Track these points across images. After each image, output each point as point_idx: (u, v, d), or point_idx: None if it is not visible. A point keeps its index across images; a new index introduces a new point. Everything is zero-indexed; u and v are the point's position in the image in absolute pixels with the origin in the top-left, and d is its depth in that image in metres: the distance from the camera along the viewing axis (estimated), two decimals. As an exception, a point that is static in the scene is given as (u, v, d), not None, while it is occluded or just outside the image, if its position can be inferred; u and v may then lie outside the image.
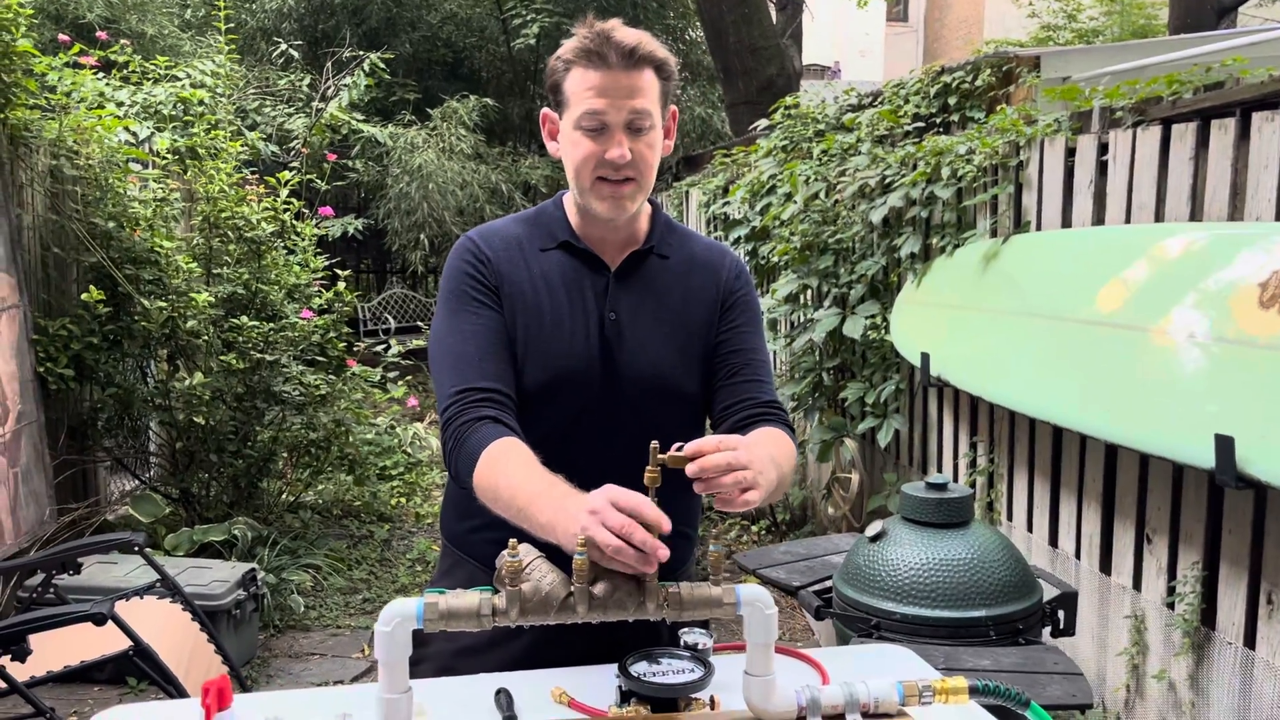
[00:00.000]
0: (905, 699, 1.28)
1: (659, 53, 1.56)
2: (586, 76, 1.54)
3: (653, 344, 1.64)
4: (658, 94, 1.58)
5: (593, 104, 1.53)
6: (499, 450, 1.45)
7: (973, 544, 2.36)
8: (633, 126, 1.55)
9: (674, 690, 1.38)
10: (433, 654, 1.72)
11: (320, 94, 7.48)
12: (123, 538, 3.11)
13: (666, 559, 1.24)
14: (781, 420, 1.66)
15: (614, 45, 1.52)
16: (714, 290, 1.71)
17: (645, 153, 1.57)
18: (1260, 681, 2.45)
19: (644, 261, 1.68)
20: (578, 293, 1.64)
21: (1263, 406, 2.16)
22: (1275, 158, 2.41)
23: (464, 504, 1.73)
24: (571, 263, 1.66)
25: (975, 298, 3.43)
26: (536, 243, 1.67)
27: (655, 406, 1.64)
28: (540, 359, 1.61)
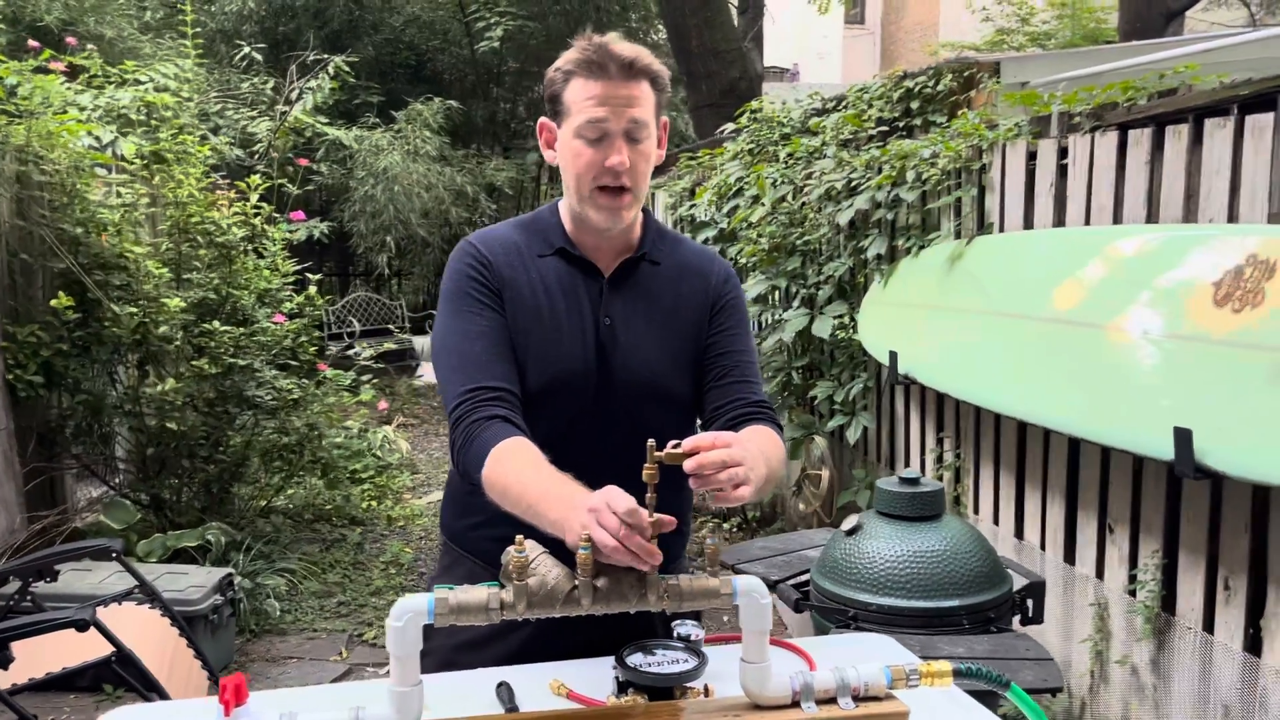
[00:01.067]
0: (893, 682, 1.35)
1: (655, 65, 1.63)
2: (587, 86, 1.59)
3: (646, 348, 1.70)
4: (653, 105, 1.64)
5: (594, 113, 1.59)
6: (508, 449, 1.50)
7: (945, 536, 2.44)
8: (631, 136, 1.60)
9: (670, 679, 1.44)
10: (433, 649, 1.75)
11: (284, 97, 7.45)
12: (100, 544, 3.11)
13: (660, 561, 1.30)
14: (770, 419, 1.72)
15: (614, 57, 1.58)
16: (704, 295, 1.77)
17: (640, 163, 1.63)
18: (1219, 664, 2.55)
19: (637, 268, 1.74)
20: (574, 298, 1.70)
21: (1218, 400, 2.26)
22: (1227, 163, 2.52)
23: (464, 502, 1.78)
24: (567, 269, 1.71)
25: (941, 297, 3.52)
26: (534, 249, 1.72)
27: (648, 408, 1.70)
28: (539, 362, 1.66)
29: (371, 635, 4.12)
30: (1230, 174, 2.51)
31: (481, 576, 1.75)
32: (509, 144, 10.70)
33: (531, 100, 11.86)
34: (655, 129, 1.67)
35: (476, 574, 1.75)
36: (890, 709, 1.32)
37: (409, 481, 6.41)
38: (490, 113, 10.85)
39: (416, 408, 8.96)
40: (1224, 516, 2.53)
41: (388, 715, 1.24)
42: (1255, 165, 2.43)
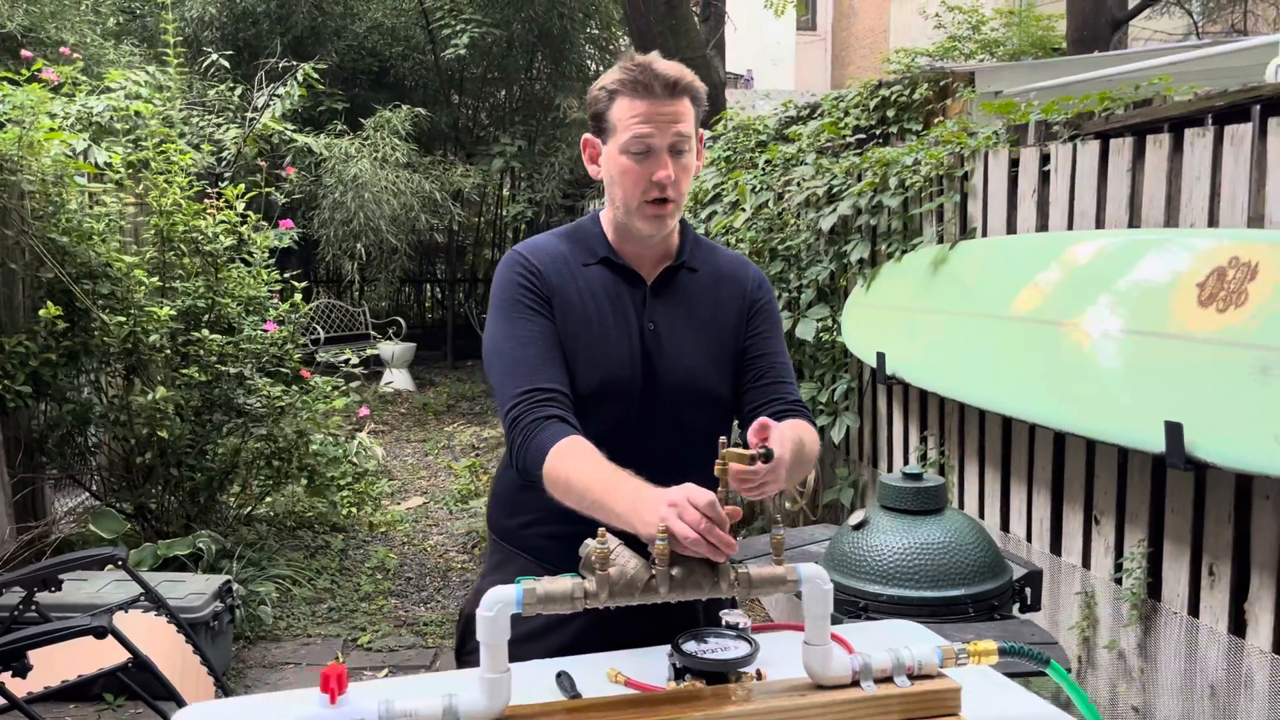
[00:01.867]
0: (944, 661, 1.44)
1: (696, 83, 1.72)
2: (633, 105, 1.67)
3: (688, 352, 1.79)
4: (693, 120, 1.72)
5: (640, 129, 1.67)
6: (568, 446, 1.58)
7: (948, 528, 2.55)
8: (675, 149, 1.69)
9: (726, 665, 1.52)
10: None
11: (252, 104, 7.42)
12: (105, 553, 3.12)
13: (736, 552, 1.38)
14: (806, 416, 1.82)
15: (658, 76, 1.67)
16: (740, 300, 1.87)
17: (683, 175, 1.72)
18: (1204, 646, 2.69)
19: (677, 275, 1.83)
20: (619, 305, 1.78)
21: (1206, 396, 2.39)
22: (1206, 170, 2.66)
23: (514, 501, 1.85)
24: (611, 277, 1.79)
25: (926, 300, 3.64)
26: (579, 258, 1.80)
27: (690, 409, 1.78)
28: (588, 367, 1.74)
29: (366, 640, 4.15)
30: (1210, 180, 2.65)
31: (533, 572, 1.81)
32: (472, 150, 10.72)
33: (493, 106, 11.91)
34: (695, 141, 1.76)
35: (528, 569, 1.82)
36: (943, 686, 1.41)
37: (387, 488, 6.42)
38: (453, 119, 10.87)
39: (385, 414, 8.96)
40: (1208, 506, 2.67)
41: (479, 701, 1.30)
42: (1235, 172, 2.57)
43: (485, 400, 9.58)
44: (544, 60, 11.18)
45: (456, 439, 8.01)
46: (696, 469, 1.65)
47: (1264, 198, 2.52)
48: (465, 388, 10.17)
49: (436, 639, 4.18)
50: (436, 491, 6.54)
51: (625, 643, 1.73)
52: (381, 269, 9.33)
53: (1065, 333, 2.89)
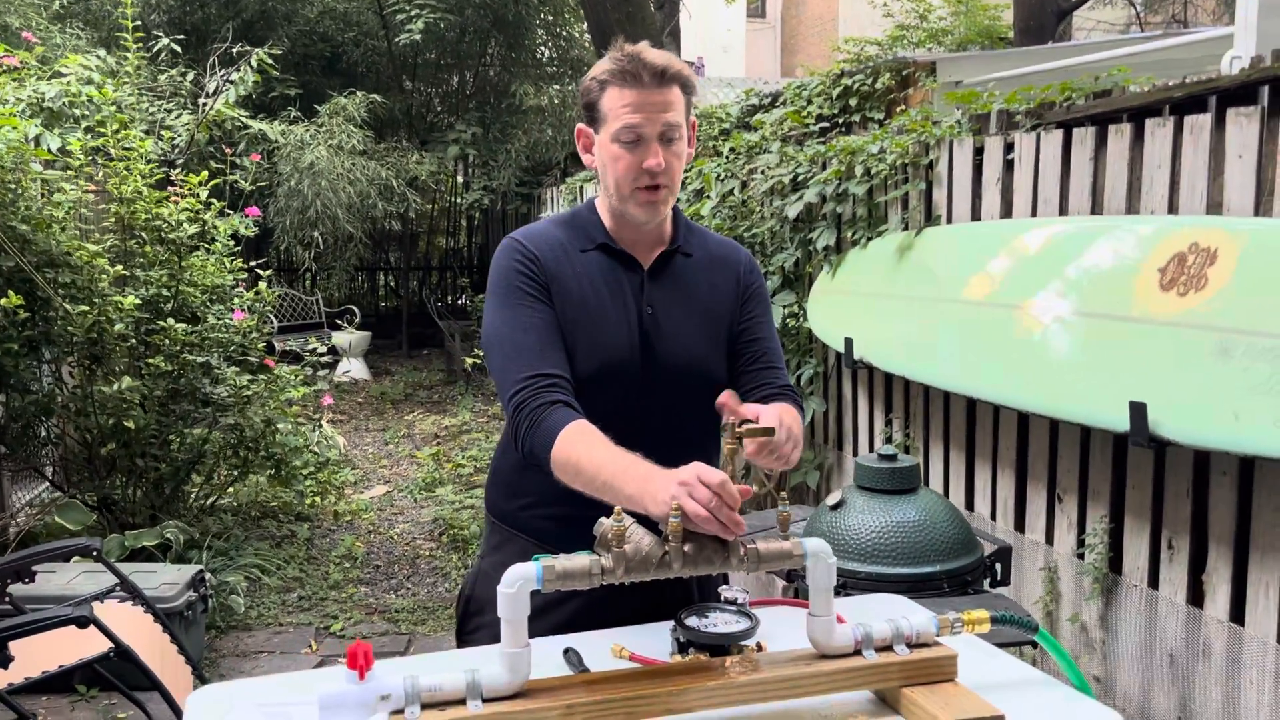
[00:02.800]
0: (940, 629, 1.51)
1: (685, 71, 1.76)
2: (623, 94, 1.72)
3: (686, 334, 1.83)
4: (683, 107, 1.77)
5: (630, 119, 1.71)
6: (575, 431, 1.62)
7: (922, 507, 2.63)
8: (665, 137, 1.73)
9: (727, 638, 1.58)
10: (490, 621, 1.86)
11: (205, 90, 7.31)
12: (80, 544, 3.09)
13: (744, 530, 1.44)
14: (795, 400, 1.87)
15: (647, 66, 1.71)
16: (734, 284, 1.92)
17: (674, 161, 1.76)
18: (1164, 617, 2.80)
19: (672, 260, 1.87)
20: (617, 289, 1.82)
21: (1168, 376, 2.49)
22: (1167, 159, 2.76)
23: (514, 484, 1.88)
24: (609, 262, 1.84)
25: (892, 285, 3.73)
26: (576, 244, 1.84)
27: (687, 390, 1.83)
28: (588, 350, 1.77)
29: (338, 627, 4.15)
30: (1170, 168, 2.75)
31: (532, 553, 1.86)
32: (426, 137, 10.65)
33: (446, 92, 11.82)
34: (686, 129, 1.80)
35: (529, 550, 1.85)
36: (940, 653, 1.48)
37: (350, 477, 6.40)
38: (407, 106, 10.78)
39: (343, 404, 8.90)
40: (1167, 483, 2.78)
41: (501, 674, 1.34)
42: (1194, 160, 2.68)
43: (443, 389, 9.56)
44: (498, 46, 11.13)
45: (416, 428, 7.99)
46: (694, 449, 1.70)
47: (1221, 185, 2.63)
48: (422, 376, 10.13)
49: (409, 625, 4.20)
50: (399, 480, 6.53)
51: (624, 618, 1.78)
52: (336, 257, 9.24)
53: (1030, 317, 2.99)
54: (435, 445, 7.24)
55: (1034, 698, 1.50)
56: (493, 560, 1.91)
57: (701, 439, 1.83)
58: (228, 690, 1.59)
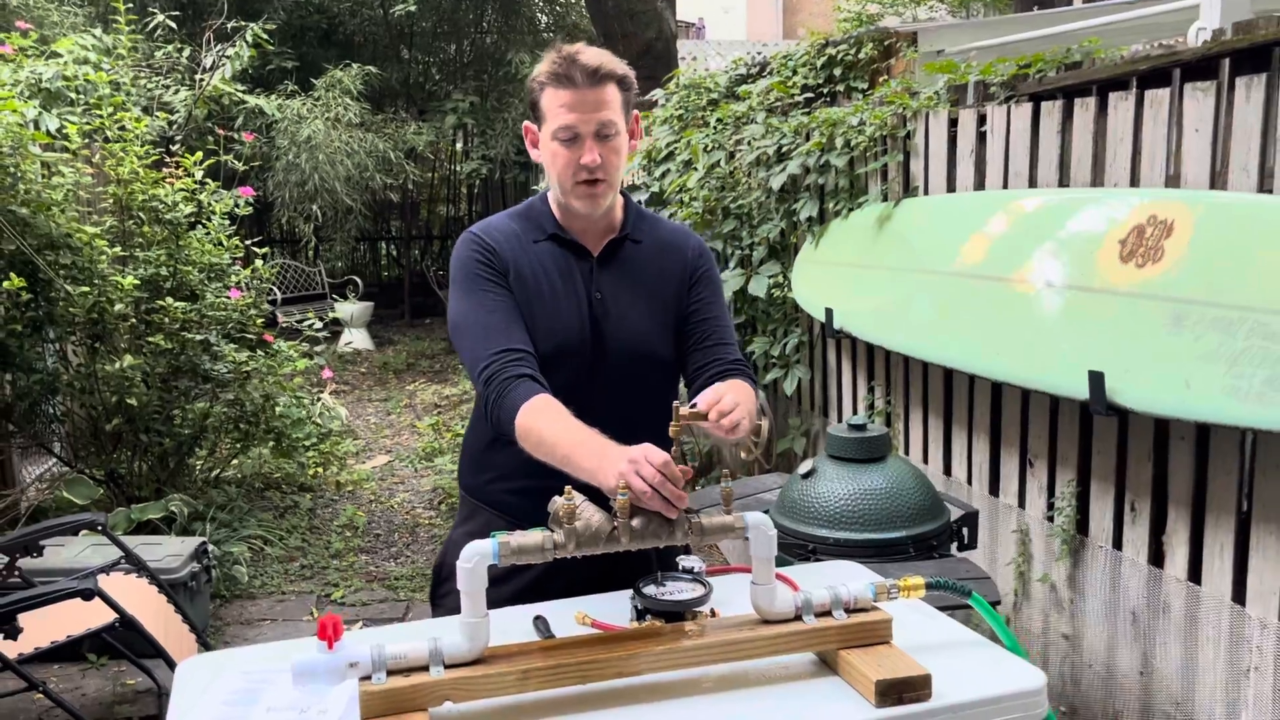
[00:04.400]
0: (877, 595, 1.60)
1: (619, 69, 1.85)
2: (558, 95, 1.82)
3: (634, 317, 1.94)
4: (620, 104, 1.86)
5: (565, 119, 1.81)
6: (539, 404, 1.73)
7: (890, 475, 2.73)
8: (600, 134, 1.83)
9: (682, 605, 1.68)
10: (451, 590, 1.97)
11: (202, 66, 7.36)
12: (85, 519, 3.22)
13: (686, 505, 1.54)
14: (747, 374, 1.99)
15: (580, 67, 1.80)
16: (682, 268, 2.02)
17: (612, 157, 1.86)
18: (1127, 577, 2.90)
19: (621, 247, 1.98)
20: (568, 277, 1.93)
21: (1126, 346, 2.57)
22: (1129, 132, 2.82)
23: (481, 459, 1.99)
24: (560, 251, 1.94)
25: (871, 256, 3.80)
26: (529, 235, 1.96)
27: (637, 370, 1.94)
28: (542, 334, 1.89)
29: (339, 595, 4.28)
30: (1132, 142, 2.81)
31: (499, 525, 1.96)
32: (424, 106, 10.68)
33: (443, 61, 11.83)
34: (625, 124, 1.89)
35: (494, 523, 1.97)
36: (876, 618, 1.58)
37: (352, 448, 6.52)
38: (404, 75, 10.80)
39: (346, 374, 9.02)
40: (1130, 448, 2.87)
41: (461, 642, 1.44)
42: (1154, 134, 2.74)
43: (445, 358, 9.66)
44: (494, 14, 11.13)
45: (418, 397, 8.10)
46: (645, 426, 1.81)
47: (1180, 158, 2.69)
48: (424, 345, 10.24)
49: (408, 592, 4.33)
50: (400, 450, 6.65)
51: (580, 585, 1.89)
52: (337, 229, 9.32)
53: (1001, 287, 3.06)
54: (435, 415, 7.35)
55: (966, 657, 1.60)
56: (462, 531, 2.03)
57: (649, 417, 1.90)
58: (215, 659, 1.70)
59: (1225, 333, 2.34)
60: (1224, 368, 2.31)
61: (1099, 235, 2.75)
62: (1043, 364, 2.88)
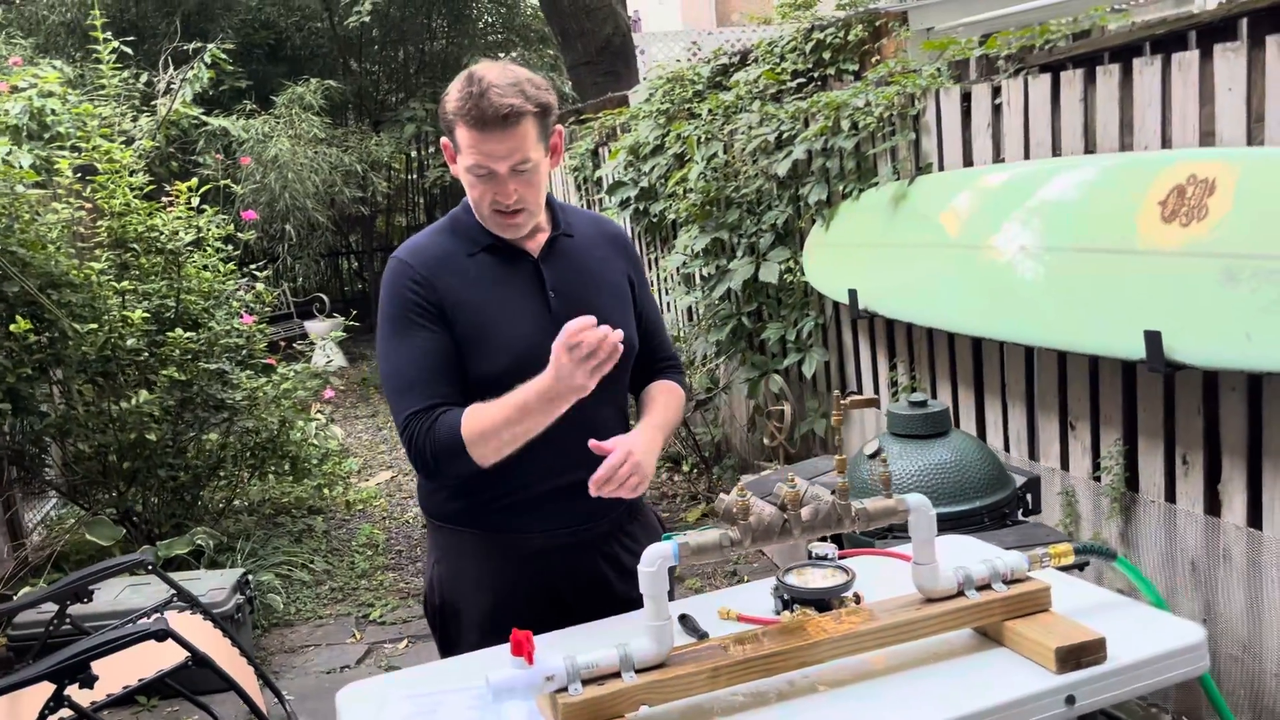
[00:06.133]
0: (1031, 565, 1.64)
1: (530, 106, 1.76)
2: (470, 135, 1.76)
3: (596, 307, 1.81)
4: (536, 136, 1.80)
5: (478, 160, 1.77)
6: (472, 413, 1.74)
7: (955, 448, 2.77)
8: (516, 170, 1.78)
9: (829, 592, 1.70)
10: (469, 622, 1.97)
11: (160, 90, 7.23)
12: (133, 559, 3.16)
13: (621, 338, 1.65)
14: (678, 369, 2.08)
15: (492, 109, 1.72)
16: (622, 253, 2.05)
17: (529, 191, 1.82)
18: (1183, 529, 2.98)
19: (557, 243, 1.95)
20: (513, 283, 1.89)
21: (1180, 304, 2.64)
22: (1157, 96, 2.89)
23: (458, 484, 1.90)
24: (499, 260, 1.90)
25: (890, 235, 3.84)
26: (463, 249, 1.90)
27: None
28: (495, 350, 1.83)
29: (377, 614, 4.25)
30: (1160, 105, 2.88)
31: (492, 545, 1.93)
32: (380, 117, 10.58)
33: (393, 70, 11.72)
34: (543, 153, 1.84)
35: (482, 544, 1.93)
36: (1034, 587, 1.61)
37: (354, 465, 6.46)
38: (357, 87, 10.69)
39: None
40: (1178, 402, 2.94)
41: (649, 646, 1.45)
42: (1184, 96, 2.80)
43: (424, 368, 9.58)
44: (442, 19, 11.04)
45: (407, 410, 8.03)
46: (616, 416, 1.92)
47: (1211, 117, 2.76)
48: (400, 358, 10.13)
49: (445, 606, 4.30)
50: (402, 464, 6.60)
51: None
52: (304, 247, 9.21)
53: (1039, 256, 3.12)
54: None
55: (1121, 618, 1.64)
56: (452, 563, 1.97)
57: (611, 399, 1.93)
58: (371, 687, 1.68)
59: (1281, 284, 2.41)
60: (1284, 318, 2.38)
61: (1138, 197, 2.81)
62: (1086, 329, 2.94)
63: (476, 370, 1.83)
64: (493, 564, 1.91)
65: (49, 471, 4.58)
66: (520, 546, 1.91)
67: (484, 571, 1.92)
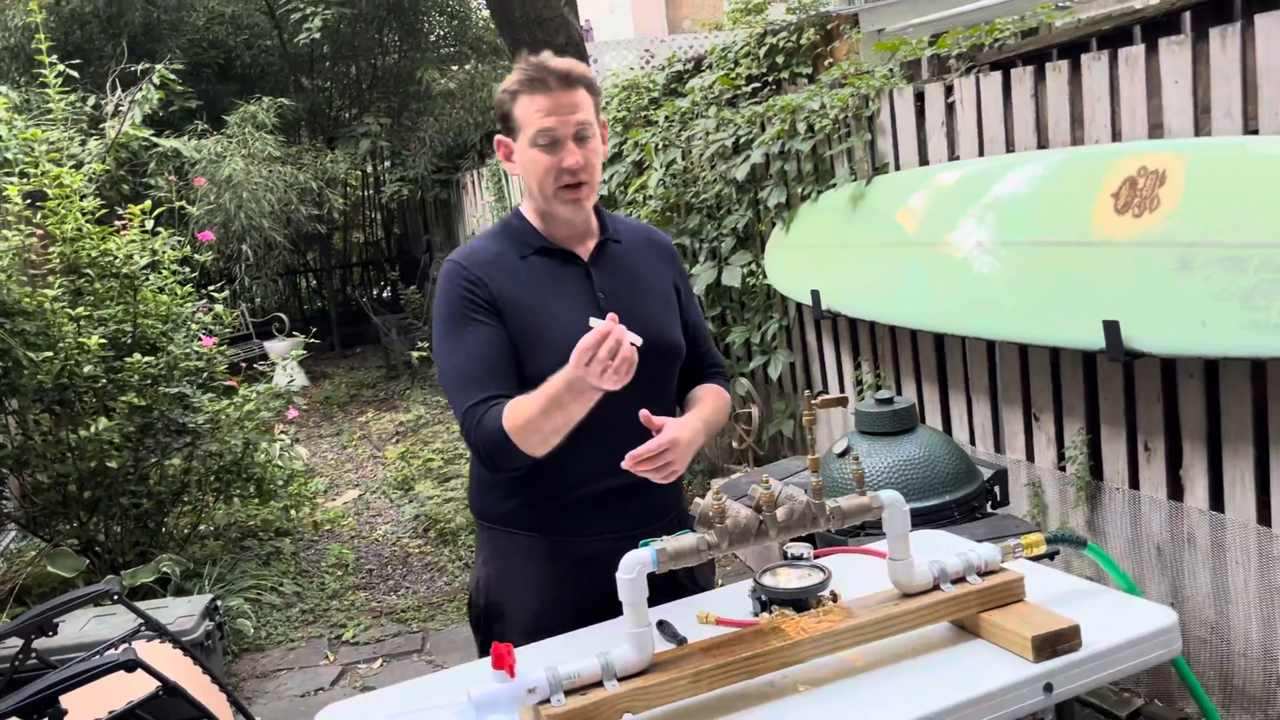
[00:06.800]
0: (1004, 556, 1.66)
1: (588, 74, 1.87)
2: (534, 101, 1.82)
3: (644, 312, 1.89)
4: (592, 108, 1.87)
5: (544, 123, 1.81)
6: (512, 407, 1.76)
7: (922, 444, 2.80)
8: (579, 136, 1.83)
9: (806, 591, 1.70)
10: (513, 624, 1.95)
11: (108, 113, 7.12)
12: (98, 590, 3.08)
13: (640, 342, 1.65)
14: (723, 375, 2.09)
15: (552, 71, 1.81)
16: (668, 261, 2.08)
17: (592, 158, 1.87)
18: (1147, 514, 3.03)
19: (606, 248, 1.98)
20: (566, 285, 1.92)
21: (1136, 294, 2.68)
22: (1106, 90, 2.94)
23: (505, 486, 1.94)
24: (551, 262, 1.93)
25: (849, 235, 3.87)
26: (515, 253, 1.93)
27: (653, 364, 1.89)
28: (553, 346, 1.83)
29: (350, 635, 4.21)
30: (1110, 99, 2.93)
31: (539, 547, 1.94)
32: (334, 134, 10.50)
33: (345, 86, 11.63)
34: (598, 128, 1.90)
35: (531, 547, 1.94)
36: (1008, 577, 1.63)
37: (320, 485, 6.39)
38: (310, 104, 10.60)
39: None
40: (1138, 391, 2.99)
41: (630, 653, 1.45)
42: (1132, 89, 2.85)
43: (387, 385, 9.52)
44: (393, 33, 10.98)
45: (372, 427, 7.97)
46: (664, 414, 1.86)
47: (1160, 108, 2.81)
48: (362, 375, 10.06)
49: (419, 623, 4.27)
50: (368, 482, 6.54)
51: None
52: (262, 267, 9.11)
53: (996, 251, 3.16)
54: (397, 443, 7.25)
55: (1094, 604, 1.66)
56: (500, 565, 1.98)
57: (669, 407, 1.97)
58: (355, 706, 1.67)
59: (1234, 271, 2.46)
60: (1238, 304, 2.43)
61: (1090, 190, 2.85)
62: (1045, 321, 2.98)
63: (527, 369, 1.85)
64: (541, 566, 1.92)
65: (7, 503, 4.50)
66: (569, 549, 1.92)
67: (531, 573, 1.93)
